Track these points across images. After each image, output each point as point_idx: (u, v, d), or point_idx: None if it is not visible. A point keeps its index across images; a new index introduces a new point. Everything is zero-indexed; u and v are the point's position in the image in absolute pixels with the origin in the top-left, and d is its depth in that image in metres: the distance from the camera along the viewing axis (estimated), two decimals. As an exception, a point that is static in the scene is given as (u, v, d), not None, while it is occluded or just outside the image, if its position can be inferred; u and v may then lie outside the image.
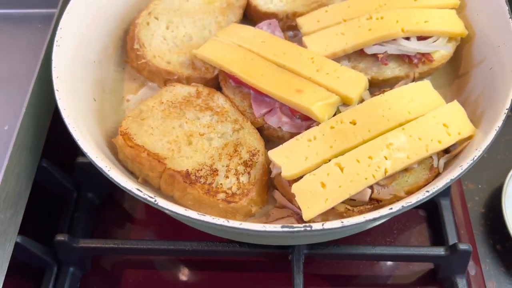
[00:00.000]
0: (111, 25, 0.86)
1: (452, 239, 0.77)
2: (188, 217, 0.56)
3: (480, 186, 0.90)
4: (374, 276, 0.80)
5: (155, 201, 0.57)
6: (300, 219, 0.67)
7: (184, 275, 0.82)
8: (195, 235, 0.75)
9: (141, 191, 0.58)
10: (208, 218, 0.56)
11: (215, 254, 0.73)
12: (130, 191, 0.58)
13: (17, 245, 0.70)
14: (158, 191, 0.71)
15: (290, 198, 0.68)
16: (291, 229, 0.54)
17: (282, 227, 0.55)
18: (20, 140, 0.70)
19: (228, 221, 0.56)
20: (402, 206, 0.56)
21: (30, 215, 0.74)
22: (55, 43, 0.73)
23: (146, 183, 0.72)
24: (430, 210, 0.84)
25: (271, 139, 0.75)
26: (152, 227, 0.88)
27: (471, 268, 0.77)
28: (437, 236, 0.82)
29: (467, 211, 0.84)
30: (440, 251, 0.71)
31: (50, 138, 0.81)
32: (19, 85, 0.80)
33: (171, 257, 0.83)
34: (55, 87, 0.68)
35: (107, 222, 0.87)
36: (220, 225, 0.55)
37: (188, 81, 0.80)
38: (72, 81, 0.73)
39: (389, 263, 0.81)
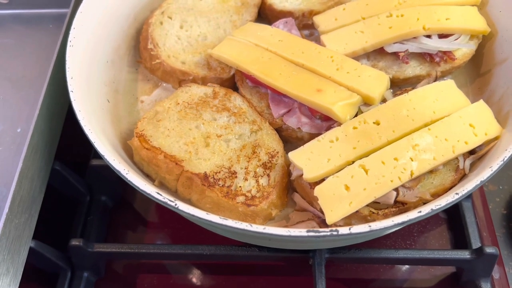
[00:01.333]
0: (123, 25, 0.84)
1: (475, 241, 0.76)
2: (210, 221, 0.54)
3: (501, 187, 0.88)
4: (394, 280, 0.78)
5: (176, 205, 0.56)
6: (321, 223, 0.65)
7: (199, 279, 0.80)
8: (209, 239, 0.74)
9: (161, 195, 0.57)
10: (230, 223, 0.54)
11: (233, 259, 0.72)
12: (149, 194, 0.57)
13: (31, 250, 0.68)
14: (174, 194, 0.70)
15: (311, 201, 0.66)
16: (317, 234, 0.53)
17: (308, 231, 0.53)
18: (34, 143, 0.68)
19: (251, 226, 0.54)
20: (432, 209, 0.54)
21: (42, 219, 0.73)
22: (68, 43, 0.72)
23: (162, 186, 0.70)
24: (451, 212, 0.82)
25: (289, 140, 0.73)
26: (166, 230, 0.87)
27: (495, 272, 0.76)
28: (459, 239, 0.80)
29: (489, 213, 0.82)
30: (465, 254, 0.69)
31: (62, 140, 0.80)
32: (31, 86, 0.78)
33: (186, 261, 0.81)
34: (70, 88, 0.67)
35: (120, 225, 0.86)
36: (243, 230, 0.54)
37: (203, 81, 0.78)
38: (86, 82, 0.72)
39: (409, 266, 0.80)
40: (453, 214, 0.81)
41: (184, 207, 0.55)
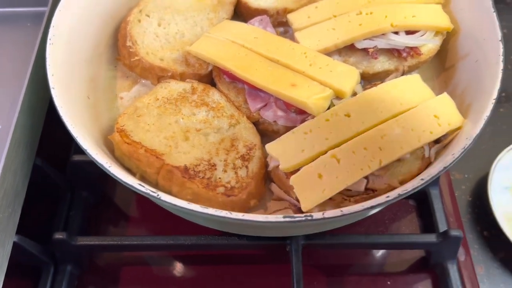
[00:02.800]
0: (101, 23, 0.86)
1: (442, 226, 0.80)
2: (192, 210, 0.57)
3: (466, 176, 0.93)
4: (368, 265, 0.82)
5: (158, 195, 0.58)
6: (297, 211, 0.69)
7: (181, 270, 0.82)
8: (189, 231, 0.76)
9: (143, 186, 0.59)
10: (211, 211, 0.57)
11: (214, 248, 0.74)
12: (132, 186, 0.59)
13: (14, 245, 0.70)
14: (155, 187, 0.72)
15: (287, 190, 0.70)
16: (292, 219, 0.56)
17: (284, 217, 0.56)
18: (16, 137, 0.69)
19: (231, 213, 0.57)
20: (399, 194, 0.58)
21: (24, 215, 0.74)
22: (48, 41, 0.73)
23: (143, 179, 0.72)
24: (420, 199, 0.87)
25: (266, 134, 0.76)
26: (147, 225, 0.88)
27: (461, 254, 0.80)
28: (427, 225, 0.84)
29: (455, 199, 0.87)
30: (432, 238, 0.73)
31: (42, 137, 0.81)
32: (10, 84, 0.79)
33: (168, 253, 0.83)
34: (51, 84, 0.68)
35: (102, 220, 0.87)
36: (224, 217, 0.56)
37: (182, 77, 0.80)
38: (67, 79, 0.73)
39: (381, 252, 0.84)
40: (422, 201, 0.86)
41: (166, 198, 0.58)
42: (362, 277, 0.80)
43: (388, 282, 0.80)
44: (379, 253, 0.84)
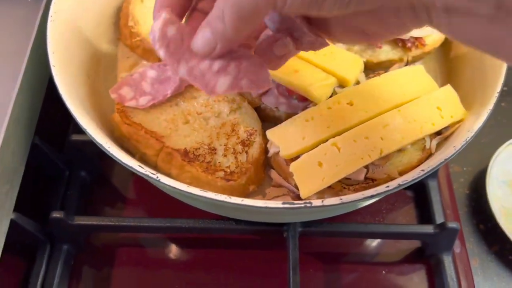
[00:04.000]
0: (103, 1, 0.85)
1: (439, 218, 0.80)
2: (191, 193, 0.57)
3: (465, 169, 0.93)
4: (364, 254, 0.83)
5: (157, 177, 0.58)
6: (296, 198, 0.69)
7: (177, 253, 0.83)
8: (186, 214, 0.76)
9: (143, 168, 0.59)
10: (210, 195, 0.57)
11: (211, 232, 0.74)
12: (131, 167, 0.59)
13: (11, 222, 0.69)
14: (154, 169, 0.71)
15: (286, 177, 0.69)
16: (292, 206, 0.56)
17: (283, 203, 0.56)
18: (15, 115, 0.69)
19: (230, 198, 0.57)
20: (399, 184, 0.58)
21: (20, 193, 0.74)
22: (49, 18, 0.72)
23: (142, 161, 0.72)
24: (418, 191, 0.87)
25: (267, 120, 0.76)
26: (143, 207, 0.88)
27: (456, 246, 0.81)
28: (424, 216, 0.85)
29: (453, 192, 0.87)
30: (429, 229, 0.74)
31: (40, 116, 0.80)
32: (8, 61, 0.78)
33: (164, 236, 0.84)
34: (51, 62, 0.67)
35: (98, 201, 0.87)
36: (223, 201, 0.56)
37: (184, 60, 0.79)
38: (67, 58, 0.72)
39: (376, 241, 0.84)
40: (420, 192, 0.86)
41: (165, 180, 0.58)
42: (358, 266, 0.81)
43: (384, 271, 0.80)
44: (375, 242, 0.84)
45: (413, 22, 0.44)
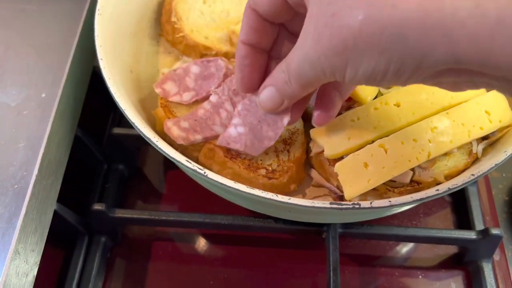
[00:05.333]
0: (146, -3, 0.85)
1: (479, 224, 0.79)
2: (238, 189, 0.57)
3: (504, 175, 0.92)
4: (399, 258, 0.82)
5: (205, 173, 0.58)
6: (337, 198, 0.68)
7: (211, 249, 0.83)
8: (217, 210, 0.76)
9: (190, 163, 0.59)
10: (257, 192, 0.57)
11: (249, 229, 0.74)
12: (179, 162, 0.59)
13: (54, 213, 0.70)
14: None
15: (328, 177, 0.69)
16: (339, 206, 0.55)
17: (331, 203, 0.56)
18: (61, 108, 0.70)
19: (277, 196, 0.57)
20: (449, 188, 0.57)
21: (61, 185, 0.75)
22: (96, 12, 0.72)
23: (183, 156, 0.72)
24: (456, 196, 0.85)
25: (309, 119, 0.75)
26: (176, 202, 0.89)
27: (496, 254, 0.79)
28: (462, 222, 0.83)
29: (493, 198, 0.86)
30: (471, 234, 0.72)
31: (82, 109, 0.81)
32: (54, 53, 0.78)
33: (200, 231, 0.84)
34: (99, 55, 0.68)
35: (135, 194, 0.88)
36: (269, 199, 0.56)
37: (225, 57, 0.79)
38: (113, 52, 0.73)
39: (412, 245, 0.83)
40: (458, 198, 0.85)
41: (213, 176, 0.58)
42: (394, 269, 0.80)
43: (420, 276, 0.79)
44: (410, 246, 0.83)
45: (471, 88, 0.44)
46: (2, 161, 0.64)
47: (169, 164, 0.91)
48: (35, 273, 0.63)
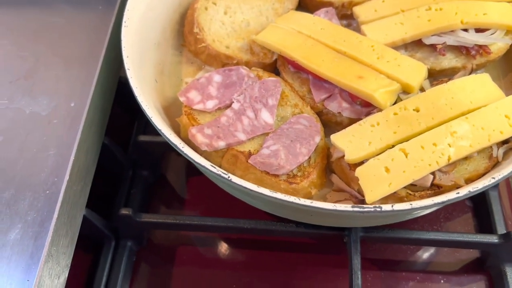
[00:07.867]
0: (169, 9, 0.88)
1: (500, 228, 0.79)
2: (261, 193, 0.58)
3: (525, 179, 0.91)
4: (420, 262, 0.82)
5: (229, 177, 0.60)
6: (358, 202, 0.69)
7: (235, 254, 0.84)
8: (237, 214, 0.78)
9: (215, 168, 0.61)
10: (280, 195, 0.58)
11: (272, 234, 0.76)
12: (204, 167, 0.61)
13: (83, 218, 0.73)
14: (219, 170, 0.74)
15: (349, 182, 0.70)
16: (361, 209, 0.57)
17: (353, 207, 0.57)
18: (90, 118, 0.72)
19: (299, 199, 0.58)
20: (469, 191, 0.57)
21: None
22: (123, 24, 0.76)
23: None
24: (477, 200, 0.86)
25: (328, 125, 0.77)
26: (198, 207, 0.91)
27: (518, 259, 0.79)
28: (483, 226, 0.83)
29: (514, 202, 0.86)
30: (493, 238, 0.72)
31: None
32: (82, 64, 0.82)
33: (222, 236, 0.86)
34: (126, 66, 0.71)
35: (159, 200, 0.90)
36: (292, 203, 0.58)
37: (246, 66, 0.81)
38: (139, 62, 0.76)
39: (433, 249, 0.83)
40: (479, 202, 0.85)
41: (236, 180, 0.60)
42: (415, 273, 0.80)
43: (442, 280, 0.79)
44: (431, 250, 0.83)
45: None
46: (34, 168, 0.67)
47: (191, 170, 0.94)
48: (66, 275, 0.65)
